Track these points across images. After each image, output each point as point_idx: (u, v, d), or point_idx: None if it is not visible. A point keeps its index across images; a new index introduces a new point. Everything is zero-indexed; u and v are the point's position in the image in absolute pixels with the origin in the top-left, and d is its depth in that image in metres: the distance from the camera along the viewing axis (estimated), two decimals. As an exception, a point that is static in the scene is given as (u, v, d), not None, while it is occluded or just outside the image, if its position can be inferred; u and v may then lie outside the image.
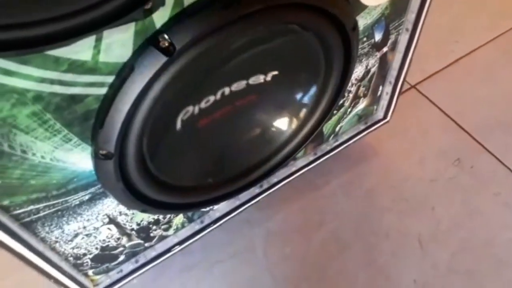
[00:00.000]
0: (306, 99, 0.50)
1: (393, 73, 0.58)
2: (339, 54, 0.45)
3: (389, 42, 0.53)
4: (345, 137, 0.65)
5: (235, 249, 0.65)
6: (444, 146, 0.76)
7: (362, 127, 0.65)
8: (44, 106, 0.31)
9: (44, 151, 0.35)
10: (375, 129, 0.67)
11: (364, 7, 0.45)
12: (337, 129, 0.62)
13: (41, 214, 0.39)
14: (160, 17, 0.32)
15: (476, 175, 0.72)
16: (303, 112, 0.51)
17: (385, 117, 0.66)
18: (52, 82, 0.30)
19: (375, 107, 0.64)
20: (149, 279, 0.61)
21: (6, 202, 0.36)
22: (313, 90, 0.48)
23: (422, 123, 0.79)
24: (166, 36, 0.32)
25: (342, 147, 0.65)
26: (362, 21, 0.46)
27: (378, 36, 0.50)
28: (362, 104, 0.61)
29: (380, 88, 0.61)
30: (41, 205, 0.39)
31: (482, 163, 0.74)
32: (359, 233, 0.66)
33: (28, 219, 0.39)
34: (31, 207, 0.38)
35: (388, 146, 0.74)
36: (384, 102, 0.64)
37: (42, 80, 0.30)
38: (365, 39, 0.49)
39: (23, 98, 0.30)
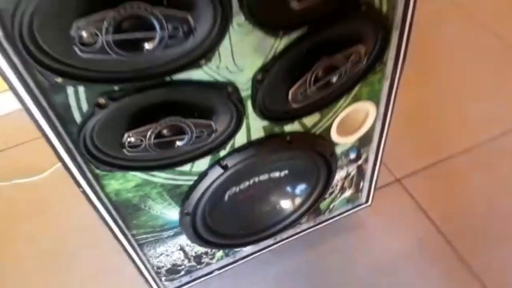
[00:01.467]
0: (304, 190, 0.82)
1: (368, 175, 0.88)
2: (324, 169, 0.78)
3: (362, 158, 0.84)
4: (337, 212, 0.95)
5: (254, 279, 0.96)
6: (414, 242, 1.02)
7: (350, 206, 0.95)
8: (163, 188, 0.65)
9: (158, 208, 0.69)
10: (360, 209, 0.97)
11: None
12: (330, 206, 0.92)
13: (148, 240, 0.73)
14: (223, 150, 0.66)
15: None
16: (302, 197, 0.83)
17: (367, 201, 0.96)
18: (170, 179, 0.65)
19: (359, 194, 0.94)
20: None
21: (134, 232, 0.70)
22: (307, 186, 0.81)
23: (398, 214, 1.06)
24: (223, 162, 0.66)
25: (335, 219, 0.96)
26: (339, 148, 0.78)
27: (352, 155, 0.82)
28: (348, 193, 0.91)
29: (361, 183, 0.91)
30: (149, 235, 0.72)
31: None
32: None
33: (142, 241, 0.73)
34: (145, 235, 0.72)
35: (369, 222, 1.03)
36: (365, 192, 0.94)
37: (166, 178, 0.64)
38: (343, 157, 0.81)
39: (156, 185, 0.64)
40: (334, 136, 0.74)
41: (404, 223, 1.04)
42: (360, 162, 0.84)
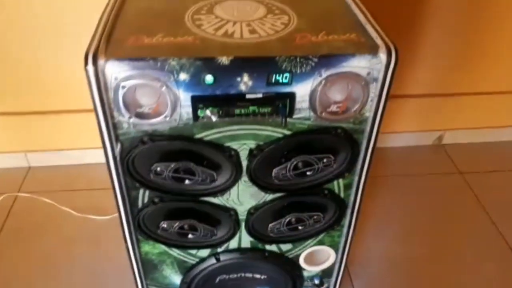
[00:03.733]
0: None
1: (328, 300, 1.15)
2: (290, 285, 1.06)
3: (324, 286, 1.11)
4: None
5: None
6: None
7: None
8: (175, 260, 0.98)
9: (168, 272, 1.01)
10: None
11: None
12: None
13: (155, 291, 1.05)
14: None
15: None
16: (271, 299, 1.11)
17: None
18: (181, 255, 0.97)
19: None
20: None
21: (148, 282, 1.03)
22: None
23: None
24: (218, 256, 0.98)
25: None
26: (306, 273, 1.07)
27: (316, 281, 1.09)
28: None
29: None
30: (157, 287, 1.05)
31: None
32: None
33: (151, 290, 1.05)
34: (154, 286, 1.04)
35: None
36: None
37: (179, 254, 0.97)
38: (309, 280, 1.09)
39: (171, 256, 0.97)
40: (302, 263, 1.03)
41: None
42: (322, 288, 1.12)
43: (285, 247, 1.00)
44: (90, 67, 0.65)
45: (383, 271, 1.45)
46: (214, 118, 0.72)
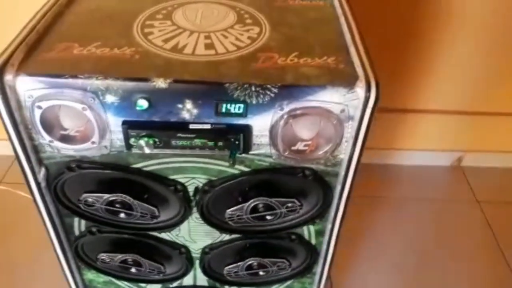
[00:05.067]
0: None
1: None
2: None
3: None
4: None
5: None
6: None
7: None
8: None
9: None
10: None
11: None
12: None
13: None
14: None
15: None
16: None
17: None
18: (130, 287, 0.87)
19: None
20: None
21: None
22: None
23: None
24: None
25: None
26: None
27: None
28: None
29: None
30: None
31: None
32: None
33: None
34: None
35: None
36: None
37: (128, 286, 0.86)
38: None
39: (119, 287, 0.86)
40: (268, 306, 0.91)
41: None
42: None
43: (246, 290, 0.87)
44: (-7, 81, 0.54)
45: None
46: (147, 150, 0.59)
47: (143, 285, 0.86)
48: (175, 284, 0.85)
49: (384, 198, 1.67)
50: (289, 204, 0.68)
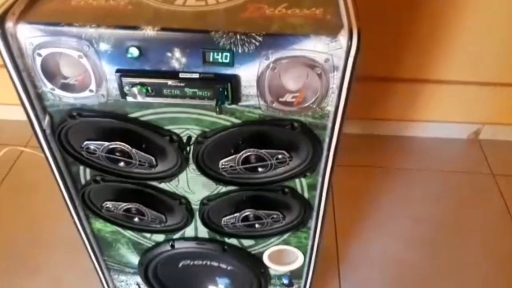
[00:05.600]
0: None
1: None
2: (256, 282, 0.98)
3: (295, 286, 1.02)
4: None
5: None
6: None
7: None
8: (130, 241, 0.92)
9: (124, 251, 0.96)
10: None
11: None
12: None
13: (114, 267, 1.01)
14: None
15: None
16: None
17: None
18: (135, 237, 0.92)
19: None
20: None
21: (105, 258, 0.98)
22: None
23: None
24: (172, 242, 0.91)
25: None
26: (273, 271, 0.97)
27: (285, 281, 1.00)
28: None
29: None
30: (116, 265, 1.00)
31: None
32: None
33: (109, 267, 1.01)
34: (112, 263, 1.00)
35: None
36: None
37: (133, 236, 0.91)
38: (277, 279, 1.00)
39: (125, 236, 0.92)
40: (266, 261, 0.94)
41: None
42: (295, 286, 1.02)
43: (246, 242, 0.91)
44: (-5, 28, 0.58)
45: (375, 276, 1.32)
46: (140, 97, 0.62)
47: (147, 235, 0.91)
48: (178, 235, 0.89)
49: (397, 170, 1.67)
50: (279, 156, 0.70)
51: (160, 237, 0.91)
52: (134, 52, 0.59)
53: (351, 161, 1.50)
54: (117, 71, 0.61)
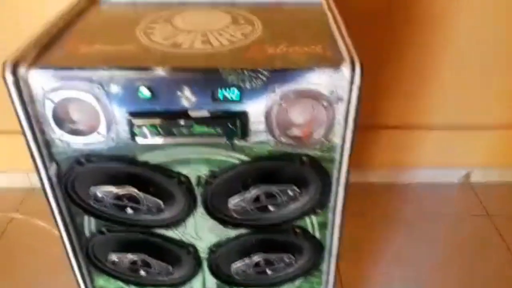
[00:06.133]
0: None
1: None
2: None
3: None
4: None
5: None
6: None
7: None
8: None
9: None
10: None
11: None
12: None
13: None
14: None
15: None
16: None
17: None
18: None
19: None
20: None
21: None
22: None
23: None
24: None
25: None
26: None
27: None
28: None
29: None
30: None
31: None
32: None
33: None
34: None
35: None
36: None
37: None
38: None
39: None
40: (278, 311, 0.90)
41: None
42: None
43: (255, 293, 0.87)
44: (9, 75, 0.59)
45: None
46: (149, 137, 0.63)
47: (153, 291, 0.87)
48: (185, 288, 0.86)
49: (392, 217, 1.66)
50: (289, 192, 0.70)
51: (166, 292, 0.87)
52: (145, 93, 0.61)
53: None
54: (129, 113, 0.62)
